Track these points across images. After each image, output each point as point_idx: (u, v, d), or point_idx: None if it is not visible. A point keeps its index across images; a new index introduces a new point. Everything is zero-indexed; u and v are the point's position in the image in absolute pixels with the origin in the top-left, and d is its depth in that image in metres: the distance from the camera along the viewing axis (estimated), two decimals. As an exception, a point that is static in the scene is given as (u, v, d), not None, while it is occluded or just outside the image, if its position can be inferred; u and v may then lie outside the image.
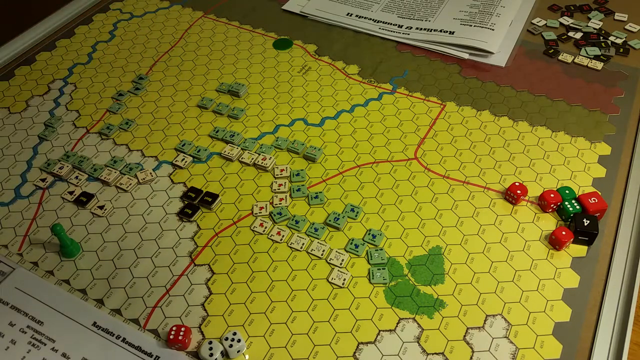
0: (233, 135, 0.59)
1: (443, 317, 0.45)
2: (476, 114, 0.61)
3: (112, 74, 0.68)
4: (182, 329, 0.43)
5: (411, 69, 0.67)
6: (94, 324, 0.44)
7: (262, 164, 0.56)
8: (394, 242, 0.50)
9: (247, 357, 0.43)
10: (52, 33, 0.75)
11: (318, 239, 0.50)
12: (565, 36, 0.71)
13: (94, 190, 0.55)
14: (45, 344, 0.43)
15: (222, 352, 0.42)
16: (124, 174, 0.56)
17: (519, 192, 0.52)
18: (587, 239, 0.49)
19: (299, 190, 0.54)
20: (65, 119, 0.62)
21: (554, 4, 0.76)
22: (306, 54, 0.70)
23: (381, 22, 0.74)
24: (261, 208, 0.53)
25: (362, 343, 0.43)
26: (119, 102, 0.64)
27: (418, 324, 0.44)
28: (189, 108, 0.63)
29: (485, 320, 0.45)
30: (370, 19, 0.75)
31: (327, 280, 0.47)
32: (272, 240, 0.50)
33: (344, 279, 0.47)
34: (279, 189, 0.54)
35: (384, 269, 0.48)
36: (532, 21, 0.73)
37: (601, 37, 0.70)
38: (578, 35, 0.70)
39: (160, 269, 0.48)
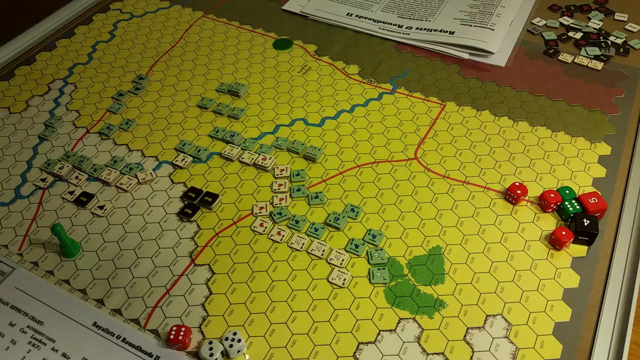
0: (233, 135, 0.59)
1: (443, 317, 0.45)
2: (476, 114, 0.61)
3: (112, 74, 0.68)
4: (182, 329, 0.43)
5: (411, 69, 0.67)
6: (94, 324, 0.44)
7: (262, 164, 0.56)
8: (394, 242, 0.50)
9: (247, 357, 0.43)
10: (52, 33, 0.75)
11: (318, 239, 0.50)
12: (565, 36, 0.71)
13: (94, 190, 0.55)
14: (45, 344, 0.43)
15: (222, 352, 0.42)
16: (124, 174, 0.56)
17: (519, 192, 0.52)
18: (587, 239, 0.49)
19: (299, 190, 0.54)
20: (65, 119, 0.62)
21: (554, 4, 0.76)
22: (306, 54, 0.70)
23: (381, 22, 0.74)
24: (261, 208, 0.53)
25: (362, 343, 0.43)
26: (119, 102, 0.64)
27: (418, 324, 0.44)
28: (189, 108, 0.63)
29: (485, 320, 0.45)
30: (370, 19, 0.75)
31: (327, 280, 0.47)
32: (272, 240, 0.50)
33: (344, 279, 0.47)
34: (279, 189, 0.54)
35: (384, 269, 0.48)
36: (532, 21, 0.73)
37: (601, 37, 0.70)
38: (578, 35, 0.70)
39: (160, 269, 0.49)
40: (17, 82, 0.67)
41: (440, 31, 0.71)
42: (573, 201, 0.51)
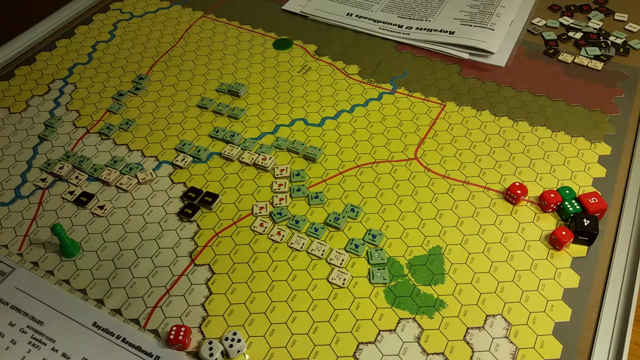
0: (233, 135, 0.59)
1: (443, 317, 0.45)
2: (476, 114, 0.61)
3: (112, 74, 0.68)
4: (182, 329, 0.43)
5: (411, 69, 0.67)
6: (94, 324, 0.44)
7: (262, 164, 0.56)
8: (394, 242, 0.50)
9: (247, 357, 0.43)
10: (52, 33, 0.75)
11: (318, 239, 0.50)
12: (565, 36, 0.71)
13: (94, 190, 0.55)
14: (45, 344, 0.43)
15: (222, 352, 0.42)
16: (124, 174, 0.56)
17: (519, 192, 0.52)
18: (587, 239, 0.49)
19: (299, 190, 0.54)
20: (65, 119, 0.62)
21: (554, 4, 0.76)
22: (306, 54, 0.70)
23: (381, 22, 0.74)
24: (261, 208, 0.53)
25: (362, 343, 0.43)
26: (119, 102, 0.64)
27: (418, 324, 0.44)
28: (189, 108, 0.63)
29: (485, 320, 0.45)
30: (370, 19, 0.75)
31: (327, 280, 0.47)
32: (272, 240, 0.50)
33: (344, 279, 0.47)
34: (279, 189, 0.54)
35: (384, 269, 0.48)
36: (532, 21, 0.73)
37: (601, 37, 0.70)
38: (578, 35, 0.70)
39: (160, 269, 0.49)
40: (17, 82, 0.67)
41: (440, 31, 0.71)
42: (573, 201, 0.51)
